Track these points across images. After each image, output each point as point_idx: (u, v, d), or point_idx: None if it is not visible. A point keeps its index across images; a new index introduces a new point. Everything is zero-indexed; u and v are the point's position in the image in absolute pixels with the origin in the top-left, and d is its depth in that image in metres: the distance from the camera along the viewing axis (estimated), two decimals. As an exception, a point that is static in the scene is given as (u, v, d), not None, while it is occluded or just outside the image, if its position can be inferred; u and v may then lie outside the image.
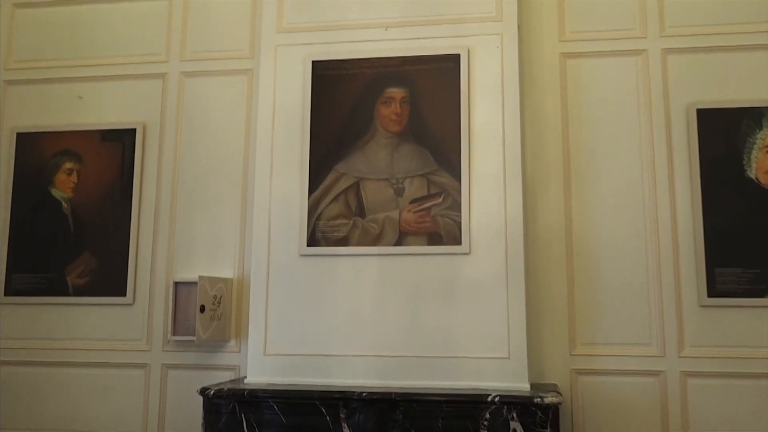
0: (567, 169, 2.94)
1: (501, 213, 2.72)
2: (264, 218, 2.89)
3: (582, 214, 2.91)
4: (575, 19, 3.02)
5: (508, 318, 2.66)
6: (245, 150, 3.18)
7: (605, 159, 2.92)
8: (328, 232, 2.82)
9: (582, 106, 2.97)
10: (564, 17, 3.02)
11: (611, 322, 2.85)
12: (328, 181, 2.84)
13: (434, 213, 2.76)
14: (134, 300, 3.18)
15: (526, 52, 2.99)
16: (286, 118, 2.93)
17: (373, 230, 2.79)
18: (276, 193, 2.89)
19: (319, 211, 2.84)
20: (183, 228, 3.18)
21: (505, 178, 2.73)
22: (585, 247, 2.89)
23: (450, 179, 2.76)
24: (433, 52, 2.84)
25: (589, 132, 2.95)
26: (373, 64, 2.88)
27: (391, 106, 2.85)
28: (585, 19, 3.01)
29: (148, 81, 3.31)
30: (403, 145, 2.82)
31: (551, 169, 2.95)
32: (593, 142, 2.94)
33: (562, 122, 2.97)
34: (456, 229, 2.73)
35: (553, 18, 3.03)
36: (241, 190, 3.17)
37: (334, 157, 2.85)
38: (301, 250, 2.83)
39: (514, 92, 2.77)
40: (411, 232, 2.76)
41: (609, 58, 2.97)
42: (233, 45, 3.27)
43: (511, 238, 2.70)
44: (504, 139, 2.75)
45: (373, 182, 2.81)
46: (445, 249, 2.73)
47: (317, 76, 2.91)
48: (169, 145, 3.25)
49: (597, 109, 2.96)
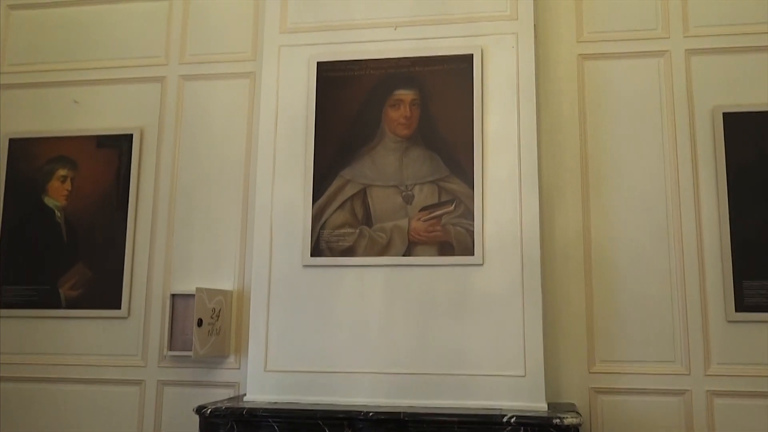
0: (585, 176, 2.79)
1: (516, 222, 2.57)
2: (265, 227, 2.75)
3: (601, 224, 2.76)
4: (594, 19, 2.88)
5: (524, 333, 2.50)
6: (246, 156, 3.05)
7: (626, 165, 2.77)
8: (333, 241, 2.67)
9: (601, 110, 2.82)
10: (582, 17, 2.89)
11: (632, 338, 2.68)
12: (334, 187, 2.70)
13: (445, 221, 2.61)
14: (129, 313, 3.03)
15: (542, 53, 2.85)
16: (290, 121, 2.79)
17: (380, 240, 2.64)
18: (278, 201, 2.75)
19: (324, 220, 2.69)
20: (181, 238, 3.04)
21: (521, 185, 2.59)
22: (604, 258, 2.74)
23: (462, 186, 2.61)
24: (445, 53, 2.70)
25: (609, 137, 2.80)
26: (381, 65, 2.74)
27: (399, 108, 2.70)
28: (604, 19, 2.88)
29: (146, 85, 3.18)
30: (412, 149, 2.67)
31: (568, 175, 2.80)
32: (613, 147, 2.79)
33: (580, 127, 2.83)
34: (468, 239, 2.58)
35: (571, 18, 2.89)
36: (241, 198, 3.02)
37: (340, 162, 2.71)
38: (305, 260, 2.68)
39: (530, 94, 2.63)
40: (421, 242, 2.61)
41: (629, 60, 2.83)
42: (235, 47, 3.14)
43: (526, 248, 2.55)
44: (519, 144, 2.61)
45: (381, 189, 2.66)
46: (457, 260, 2.58)
47: (322, 77, 2.78)
48: (168, 152, 3.11)
49: (617, 113, 2.81)
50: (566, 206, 2.78)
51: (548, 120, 2.82)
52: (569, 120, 2.83)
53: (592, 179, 2.79)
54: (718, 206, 2.69)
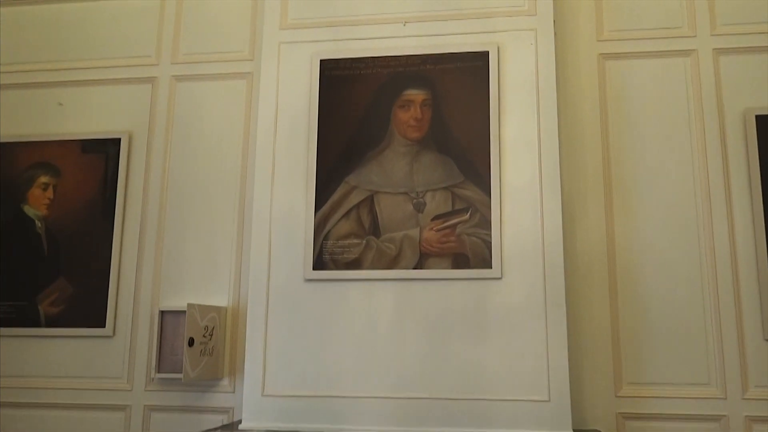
0: (608, 183, 2.60)
1: (537, 231, 2.36)
2: (264, 238, 2.53)
3: (626, 234, 2.56)
4: (614, 16, 2.70)
5: (547, 353, 2.29)
6: (243, 162, 2.84)
7: (651, 172, 2.58)
8: (337, 253, 2.46)
9: (624, 112, 2.63)
10: (602, 14, 2.71)
11: (662, 359, 2.47)
12: (338, 195, 2.49)
13: (460, 231, 2.40)
14: (114, 332, 2.80)
15: (560, 53, 2.66)
16: (290, 124, 2.58)
17: (389, 251, 2.42)
18: (278, 210, 2.54)
19: (327, 230, 2.48)
20: (171, 250, 2.82)
21: (542, 192, 2.38)
22: (630, 271, 2.53)
23: (478, 193, 2.41)
24: (458, 50, 2.51)
25: (633, 141, 2.61)
26: (390, 63, 2.54)
27: (410, 110, 2.51)
28: (625, 17, 2.70)
29: (136, 86, 2.97)
30: (423, 154, 2.47)
31: (590, 182, 2.61)
32: (637, 152, 2.60)
33: (602, 130, 2.64)
34: (485, 250, 2.37)
35: (590, 15, 2.71)
36: (237, 207, 2.81)
37: (345, 167, 2.50)
38: (306, 274, 2.46)
39: (550, 94, 2.44)
40: (433, 254, 2.40)
41: (653, 60, 2.65)
42: (231, 46, 2.94)
43: (549, 260, 2.34)
44: (540, 148, 2.41)
45: (390, 196, 2.46)
46: (473, 273, 2.37)
47: (326, 76, 2.58)
48: (158, 157, 2.90)
49: (641, 116, 2.62)
50: (588, 215, 2.58)
51: (567, 123, 2.63)
52: (590, 123, 2.64)
53: (615, 186, 2.59)
54: (752, 214, 2.49)
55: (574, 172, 2.61)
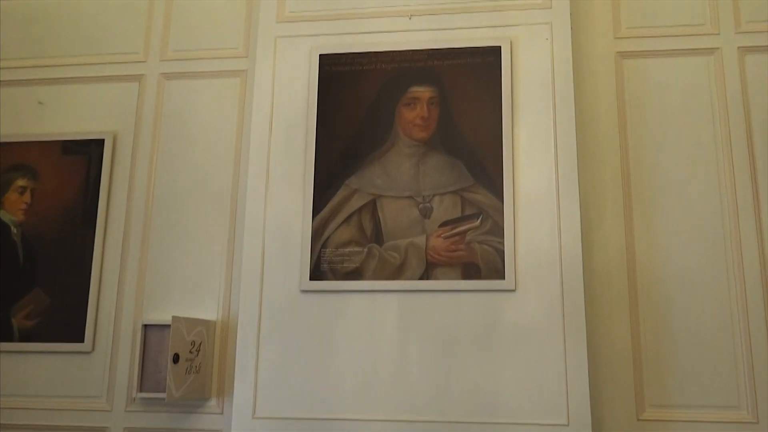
0: (626, 189, 2.42)
1: (554, 239, 2.19)
2: (256, 246, 2.34)
3: (647, 244, 2.38)
4: (632, 12, 2.54)
5: (566, 373, 2.10)
6: (235, 165, 2.65)
7: (673, 178, 2.41)
8: (336, 262, 2.26)
9: (643, 114, 2.47)
10: (619, 11, 2.54)
11: (688, 379, 2.28)
12: (338, 198, 2.30)
13: (470, 239, 2.21)
14: (93, 347, 2.59)
15: (575, 50, 2.47)
16: (287, 123, 2.41)
17: (393, 260, 2.24)
18: (272, 215, 2.35)
19: (326, 237, 2.29)
20: (157, 259, 2.61)
21: (559, 197, 2.21)
22: (652, 285, 2.35)
23: (489, 197, 2.23)
24: (468, 44, 2.34)
25: (653, 146, 2.44)
26: (395, 58, 2.37)
27: (416, 108, 2.33)
28: (644, 13, 2.53)
29: (122, 84, 2.79)
30: (430, 155, 2.29)
31: (607, 189, 2.43)
32: (658, 157, 2.43)
33: (620, 134, 2.46)
34: (498, 260, 2.19)
35: (606, 12, 2.55)
36: (229, 212, 2.61)
37: (346, 169, 2.32)
38: (303, 284, 2.27)
39: (567, 93, 2.28)
40: (441, 263, 2.21)
41: (675, 59, 2.48)
42: (225, 42, 2.76)
43: (567, 270, 2.16)
44: (556, 149, 2.24)
45: (394, 200, 2.27)
46: (485, 284, 2.18)
47: (325, 72, 2.40)
48: (144, 160, 2.70)
49: (662, 118, 2.45)
50: (605, 224, 2.40)
51: (583, 125, 2.45)
52: (607, 126, 2.47)
53: (634, 193, 2.42)
54: (783, 224, 2.33)
55: (590, 178, 2.43)
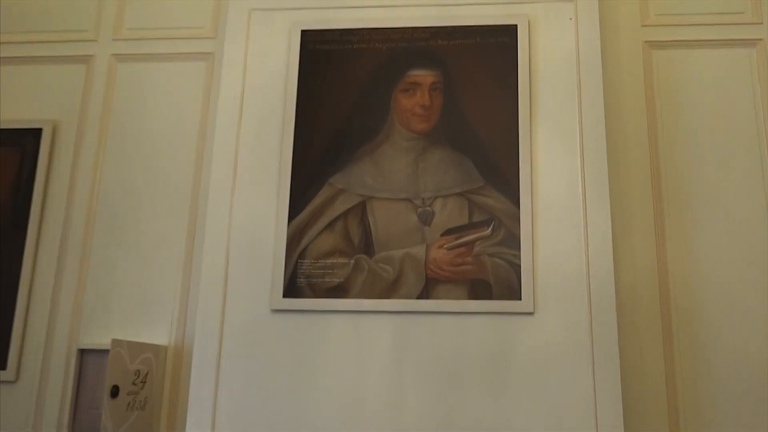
0: (657, 195, 2.08)
1: (580, 252, 1.83)
2: (219, 255, 1.95)
3: (681, 258, 2.03)
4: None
5: (595, 412, 1.73)
6: (197, 161, 2.25)
7: (710, 182, 2.08)
8: (316, 276, 1.87)
9: (675, 111, 2.14)
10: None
11: (727, 413, 1.93)
12: (320, 200, 1.92)
13: (479, 251, 1.84)
14: (17, 376, 2.16)
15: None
16: (260, 110, 2.03)
17: (385, 275, 1.85)
18: (239, 219, 1.96)
19: (304, 245, 1.90)
20: (99, 270, 2.20)
21: (585, 201, 1.86)
22: (687, 308, 2.00)
23: (503, 201, 1.87)
24: (479, 22, 2.00)
25: (687, 147, 2.11)
26: (391, 36, 2.02)
27: (415, 94, 1.97)
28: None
29: (66, 66, 2.38)
30: (432, 150, 1.93)
31: (636, 194, 2.08)
32: (693, 158, 2.10)
33: (649, 133, 2.13)
34: (512, 276, 1.82)
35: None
36: (188, 216, 2.21)
37: (330, 166, 1.95)
38: (275, 303, 1.88)
39: (595, 81, 1.95)
40: (443, 279, 1.84)
41: (711, 50, 2.17)
42: (189, 20, 2.38)
43: (596, 289, 1.80)
44: (582, 146, 1.90)
45: (388, 203, 1.90)
46: (497, 305, 1.81)
47: (308, 51, 2.04)
48: (89, 154, 2.30)
49: (696, 115, 2.13)
50: (634, 235, 2.05)
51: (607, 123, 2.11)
52: (634, 124, 2.14)
53: (666, 199, 2.08)
54: (837, 239, 2.01)
55: (616, 183, 2.07)
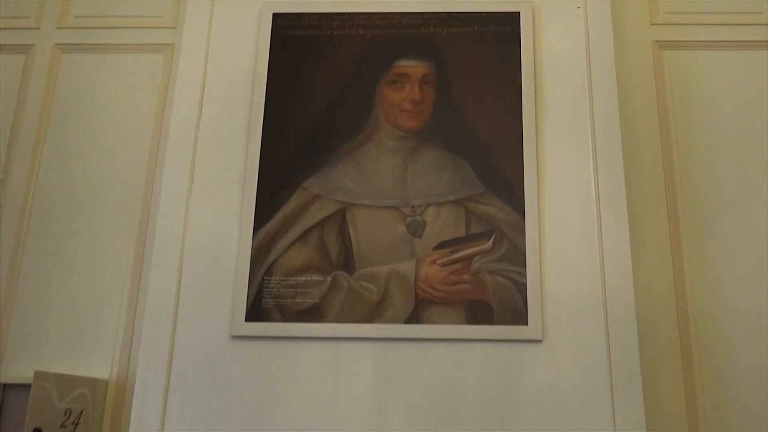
0: (673, 206, 1.85)
1: (595, 269, 1.58)
2: (170, 271, 1.65)
3: (701, 282, 1.79)
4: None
5: (617, 460, 1.45)
6: (150, 165, 1.95)
7: (730, 192, 1.86)
8: (286, 296, 1.58)
9: (690, 117, 1.93)
10: (656, -9, 2.04)
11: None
12: (291, 207, 1.64)
13: (478, 267, 1.58)
14: (-77, 415, 1.78)
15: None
16: (224, 104, 1.76)
17: (368, 295, 1.57)
18: (195, 228, 1.67)
19: (272, 260, 1.61)
20: (30, 290, 1.87)
21: (600, 212, 1.61)
22: (709, 333, 1.76)
23: (505, 210, 1.61)
24: (477, 8, 1.76)
25: (704, 153, 1.89)
26: (377, 22, 1.77)
27: (404, 88, 1.72)
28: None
29: (2, 56, 2.08)
30: (423, 151, 1.67)
31: (649, 205, 1.85)
32: (709, 168, 1.88)
33: (662, 139, 1.91)
34: (518, 297, 1.55)
35: (640, -9, 2.04)
36: (137, 228, 1.90)
37: (304, 167, 1.67)
38: (236, 328, 1.58)
39: (608, 75, 1.73)
40: (436, 301, 1.56)
41: (725, 52, 1.98)
42: (146, 8, 2.11)
43: (615, 313, 1.55)
44: (595, 148, 1.66)
45: (371, 211, 1.63)
46: (499, 332, 1.54)
47: (280, 38, 1.77)
48: (23, 156, 1.99)
49: (713, 120, 1.92)
50: (649, 248, 1.80)
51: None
52: (645, 129, 1.91)
53: (682, 210, 1.85)
54: None
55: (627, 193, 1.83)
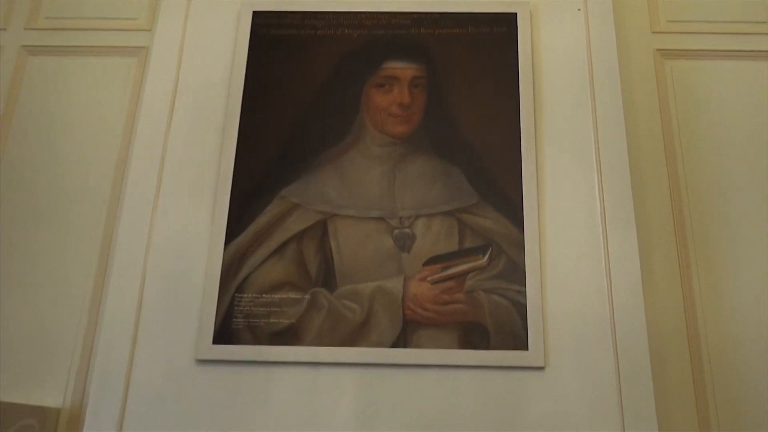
0: (680, 228, 1.72)
1: (602, 289, 1.43)
2: (131, 289, 1.49)
3: (714, 308, 1.65)
4: (672, 1, 1.94)
5: (629, 505, 1.28)
6: (118, 174, 1.80)
7: (742, 208, 1.73)
8: (259, 316, 1.42)
9: (696, 127, 1.81)
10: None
11: None
12: (267, 217, 1.49)
13: (473, 285, 1.43)
14: None
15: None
16: (196, 105, 1.63)
17: (350, 315, 1.41)
18: (161, 240, 1.51)
19: (245, 275, 1.45)
20: (-22, 309, 1.69)
21: (605, 221, 1.47)
22: (726, 365, 1.61)
23: (502, 222, 1.47)
24: (471, 9, 1.65)
25: (713, 169, 1.77)
26: (364, 22, 1.65)
27: (392, 91, 1.59)
28: (687, 2, 1.94)
29: (-36, 58, 1.95)
30: (413, 158, 1.53)
31: (653, 226, 1.71)
32: (720, 182, 1.75)
33: (666, 154, 1.78)
34: (517, 319, 1.40)
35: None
36: (100, 243, 1.74)
37: (282, 174, 1.53)
38: (201, 351, 1.41)
39: (611, 81, 1.60)
40: (426, 322, 1.41)
41: (731, 61, 1.87)
42: (120, 10, 1.98)
43: (624, 336, 1.39)
44: (598, 156, 1.53)
45: (355, 223, 1.48)
46: (497, 357, 1.38)
47: (261, 37, 1.65)
48: (-19, 163, 1.83)
49: (720, 132, 1.80)
50: (654, 276, 1.67)
51: (618, 141, 1.77)
52: (649, 143, 1.79)
53: (690, 227, 1.71)
54: None
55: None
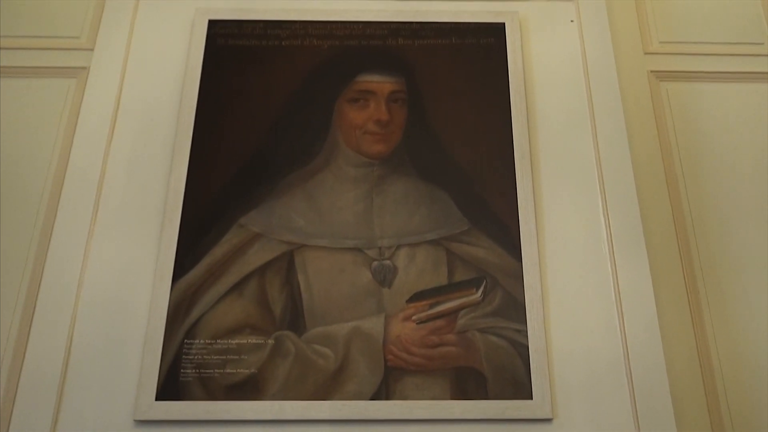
0: (688, 264, 1.55)
1: (614, 326, 1.24)
2: (58, 334, 1.26)
3: (730, 350, 1.47)
4: (665, 21, 1.82)
5: None
6: (51, 206, 1.56)
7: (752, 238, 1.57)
8: (213, 365, 1.19)
9: (697, 153, 1.67)
10: (647, 18, 1.82)
11: None
12: (224, 249, 1.27)
13: (465, 324, 1.22)
14: None
15: (591, 65, 1.71)
16: (143, 127, 1.43)
17: (322, 362, 1.19)
18: (95, 279, 1.28)
19: (196, 317, 1.22)
20: None
21: (613, 253, 1.30)
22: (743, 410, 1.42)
23: (497, 252, 1.28)
24: (455, 18, 1.49)
25: (719, 195, 1.62)
26: (334, 31, 1.48)
27: (368, 106, 1.40)
28: (679, 24, 1.83)
29: None
30: (393, 180, 1.34)
31: (660, 253, 1.54)
32: (728, 211, 1.60)
33: (668, 180, 1.63)
34: (517, 362, 1.20)
35: (630, 18, 1.81)
36: (28, 283, 1.48)
37: (241, 199, 1.32)
38: (141, 409, 1.17)
39: (611, 95, 1.46)
40: (412, 369, 1.19)
41: (727, 84, 1.75)
42: (59, 27, 1.76)
43: (641, 381, 1.20)
44: (602, 178, 1.36)
45: (327, 254, 1.27)
46: (496, 408, 1.17)
47: (217, 48, 1.46)
48: None
49: (724, 158, 1.66)
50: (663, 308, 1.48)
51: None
52: (649, 167, 1.63)
53: (698, 260, 1.54)
54: None
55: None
